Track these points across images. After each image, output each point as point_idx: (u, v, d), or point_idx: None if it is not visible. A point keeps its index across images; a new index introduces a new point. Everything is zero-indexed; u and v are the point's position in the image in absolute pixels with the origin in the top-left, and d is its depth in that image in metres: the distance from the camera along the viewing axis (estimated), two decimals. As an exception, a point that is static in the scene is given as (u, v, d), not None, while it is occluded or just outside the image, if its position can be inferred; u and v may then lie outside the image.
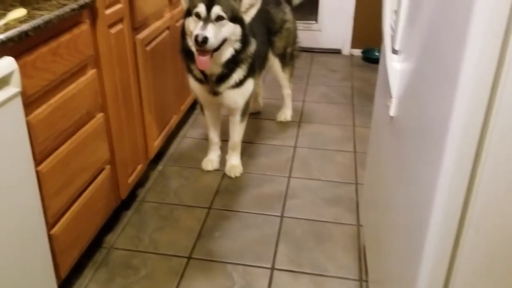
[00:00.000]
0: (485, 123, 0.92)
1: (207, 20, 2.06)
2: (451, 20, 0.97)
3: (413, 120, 1.27)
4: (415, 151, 1.21)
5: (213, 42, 2.05)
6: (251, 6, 2.18)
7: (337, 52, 4.41)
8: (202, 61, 2.09)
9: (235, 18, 2.13)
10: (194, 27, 2.09)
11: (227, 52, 2.20)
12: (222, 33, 2.10)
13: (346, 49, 4.38)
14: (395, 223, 1.41)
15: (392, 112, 1.48)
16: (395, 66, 1.41)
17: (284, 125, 3.15)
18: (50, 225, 1.58)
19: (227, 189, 2.49)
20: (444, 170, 0.97)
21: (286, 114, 3.19)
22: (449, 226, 1.01)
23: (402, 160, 1.36)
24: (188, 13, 2.15)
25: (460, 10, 0.91)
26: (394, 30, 1.48)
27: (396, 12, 1.48)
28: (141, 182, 2.46)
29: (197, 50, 2.09)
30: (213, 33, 2.04)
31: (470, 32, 0.86)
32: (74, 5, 1.61)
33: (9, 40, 1.31)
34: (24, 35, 1.36)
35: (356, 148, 2.88)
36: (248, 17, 2.20)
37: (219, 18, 2.08)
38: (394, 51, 1.47)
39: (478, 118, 0.92)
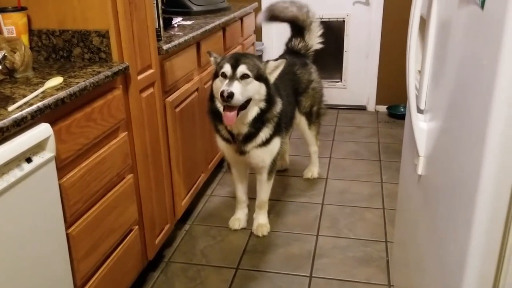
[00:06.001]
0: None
1: (232, 78, 2.13)
2: (477, 80, 0.98)
3: (441, 179, 1.25)
4: (445, 212, 1.19)
5: (238, 97, 2.11)
6: (276, 68, 2.27)
7: (362, 108, 4.45)
8: (229, 117, 2.14)
9: (260, 77, 2.20)
10: (220, 85, 2.16)
11: (253, 111, 2.25)
12: (248, 91, 2.16)
13: (371, 105, 4.41)
14: (428, 285, 1.36)
15: (420, 170, 1.47)
16: (422, 126, 1.42)
17: (311, 182, 3.14)
18: (78, 288, 1.59)
19: (254, 248, 2.47)
20: (475, 232, 0.95)
21: (313, 171, 3.19)
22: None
23: (432, 220, 1.33)
24: (216, 75, 2.23)
25: (485, 71, 0.92)
26: (418, 90, 1.50)
27: (420, 73, 1.50)
28: (168, 242, 2.46)
29: (223, 106, 2.15)
30: (239, 90, 2.11)
31: (496, 93, 0.87)
32: (108, 72, 1.68)
33: (46, 107, 1.37)
34: (60, 102, 1.43)
35: (385, 204, 2.83)
36: (272, 78, 2.28)
37: (244, 76, 2.15)
38: (420, 111, 1.47)
39: (508, 180, 0.91)
